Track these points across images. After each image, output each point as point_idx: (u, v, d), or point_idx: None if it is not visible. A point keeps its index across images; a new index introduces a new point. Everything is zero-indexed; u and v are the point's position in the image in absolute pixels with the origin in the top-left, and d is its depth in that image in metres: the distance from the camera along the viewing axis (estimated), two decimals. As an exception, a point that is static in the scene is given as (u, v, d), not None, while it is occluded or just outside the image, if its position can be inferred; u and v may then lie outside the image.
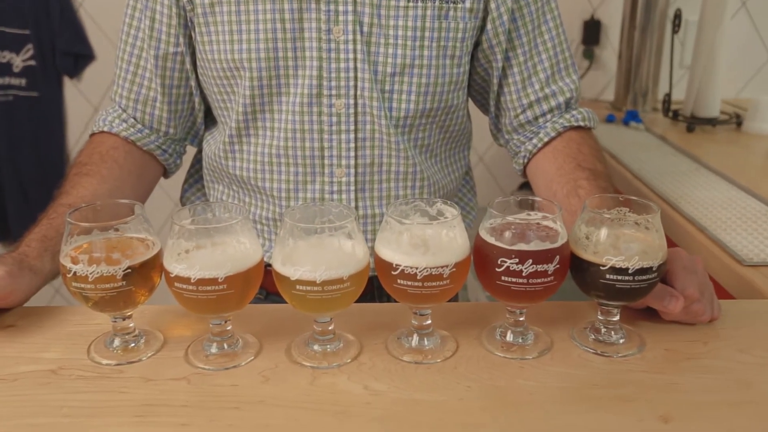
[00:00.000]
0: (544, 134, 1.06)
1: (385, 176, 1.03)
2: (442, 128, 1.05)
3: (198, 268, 0.70)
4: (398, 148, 1.01)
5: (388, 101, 0.99)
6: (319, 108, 0.98)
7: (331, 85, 0.97)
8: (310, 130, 0.99)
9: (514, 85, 1.06)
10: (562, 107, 1.07)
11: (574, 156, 1.03)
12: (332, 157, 1.00)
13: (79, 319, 0.84)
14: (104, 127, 1.07)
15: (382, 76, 0.97)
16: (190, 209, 0.76)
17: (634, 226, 0.74)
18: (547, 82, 1.05)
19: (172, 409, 0.67)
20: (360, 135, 1.00)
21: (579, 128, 1.07)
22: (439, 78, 0.99)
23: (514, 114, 1.08)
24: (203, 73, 1.03)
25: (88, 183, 0.99)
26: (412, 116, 1.00)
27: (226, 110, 1.03)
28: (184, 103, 1.08)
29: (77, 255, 0.71)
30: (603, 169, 1.03)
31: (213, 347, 0.77)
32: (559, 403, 0.69)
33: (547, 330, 0.82)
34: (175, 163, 1.14)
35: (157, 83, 1.05)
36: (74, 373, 0.74)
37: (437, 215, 0.77)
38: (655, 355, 0.77)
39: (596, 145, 1.08)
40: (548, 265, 0.72)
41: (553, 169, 1.04)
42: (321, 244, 0.71)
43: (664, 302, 0.79)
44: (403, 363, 0.75)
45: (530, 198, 0.79)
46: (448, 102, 1.02)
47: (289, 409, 0.68)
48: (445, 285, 0.72)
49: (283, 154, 1.01)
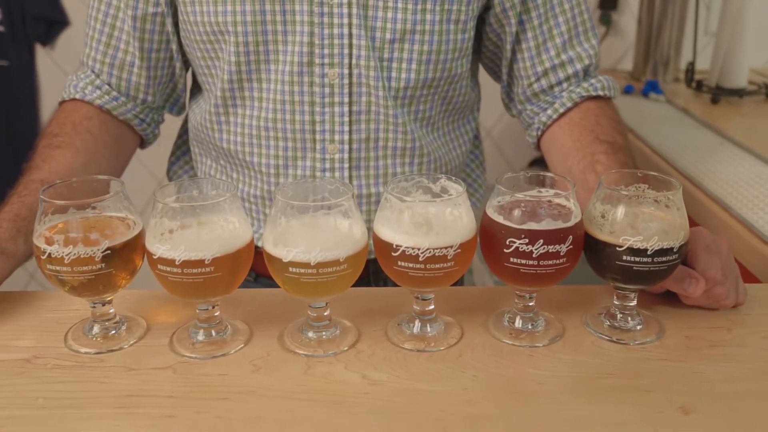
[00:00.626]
0: (560, 105, 1.05)
1: (381, 153, 1.02)
2: (444, 99, 1.04)
3: (183, 249, 0.69)
4: (396, 122, 1.00)
5: (387, 71, 0.97)
6: (311, 78, 0.97)
7: (324, 53, 0.96)
8: (300, 101, 0.98)
9: (527, 51, 1.04)
10: (580, 75, 1.06)
11: (592, 128, 1.02)
12: (324, 132, 1.00)
13: (55, 304, 0.84)
14: (76, 95, 1.05)
15: (380, 43, 0.96)
16: (174, 185, 0.76)
17: (653, 204, 0.74)
18: (563, 47, 1.04)
19: (157, 400, 0.68)
20: (355, 108, 0.99)
21: (597, 98, 1.06)
22: (443, 45, 0.98)
23: (527, 82, 1.07)
24: (185, 36, 1.02)
25: (62, 156, 0.98)
26: (412, 87, 0.99)
27: (210, 77, 1.02)
28: (164, 69, 1.07)
29: (52, 235, 0.71)
30: (623, 142, 1.02)
31: (200, 334, 0.77)
32: (572, 394, 0.69)
33: (558, 316, 0.82)
34: (153, 134, 1.13)
35: (134, 47, 1.03)
36: (50, 362, 0.74)
37: (441, 192, 0.77)
38: (675, 342, 0.77)
39: (616, 116, 1.07)
40: (560, 246, 0.72)
41: (569, 143, 1.03)
42: (315, 223, 0.71)
43: (684, 285, 0.79)
44: (404, 351, 0.75)
45: (541, 174, 0.78)
46: (451, 71, 1.01)
47: (282, 400, 0.68)
48: (450, 267, 0.72)
49: (272, 127, 1.00)
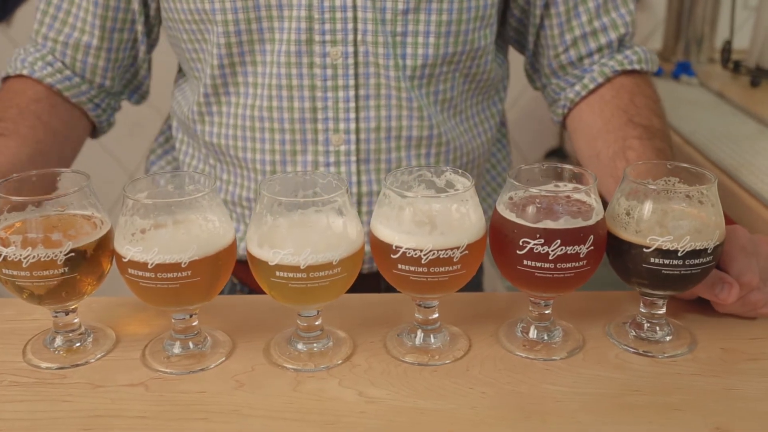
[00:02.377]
0: (590, 80, 1.05)
1: (394, 144, 1.00)
2: (467, 77, 1.03)
3: (156, 251, 0.70)
4: (411, 107, 0.98)
5: (401, 47, 0.96)
6: (310, 58, 0.96)
7: (324, 29, 0.94)
8: (299, 86, 0.97)
9: (557, 17, 1.03)
10: (614, 46, 1.05)
11: (626, 109, 1.01)
12: (327, 120, 0.98)
13: (11, 313, 0.85)
14: (23, 70, 1.03)
15: (392, 15, 0.94)
16: (147, 179, 0.76)
17: (685, 200, 0.74)
18: (597, 12, 1.03)
19: (127, 422, 0.68)
20: (362, 92, 0.97)
21: (633, 72, 1.05)
22: (463, 14, 0.96)
23: (554, 53, 1.06)
24: (168, 18, 1.01)
25: (5, 146, 0.96)
26: (431, 64, 0.98)
27: (199, 62, 1.01)
28: (126, 51, 1.06)
29: (8, 236, 0.71)
30: (660, 125, 1.01)
31: (176, 347, 0.77)
32: (593, 413, 0.69)
33: (578, 325, 0.82)
34: (107, 121, 1.12)
35: (94, 25, 1.02)
36: (6, 378, 0.74)
37: (446, 186, 0.77)
38: (709, 355, 0.77)
39: (653, 94, 1.06)
40: (580, 247, 0.72)
41: (599, 124, 1.02)
42: (306, 221, 0.71)
43: (716, 290, 0.79)
44: (405, 365, 0.76)
45: (559, 166, 0.78)
46: (474, 43, 0.99)
47: (268, 420, 0.68)
48: (456, 271, 0.72)
49: (267, 117, 0.99)
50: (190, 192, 0.76)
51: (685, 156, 1.48)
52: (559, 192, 0.76)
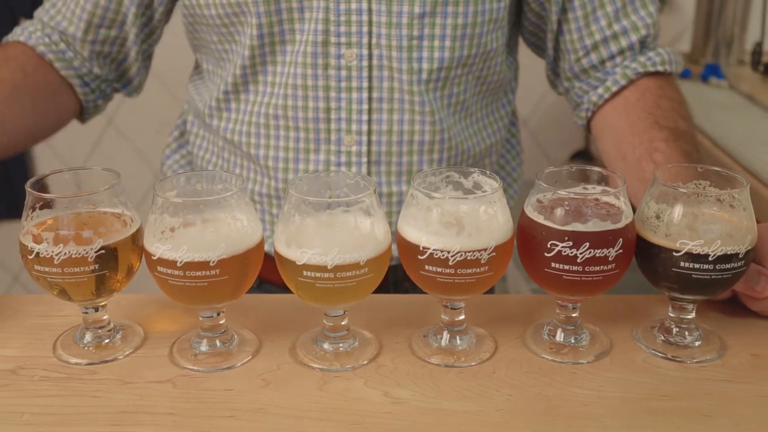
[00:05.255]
0: (612, 82, 1.04)
1: (406, 147, 1.01)
2: (479, 79, 1.04)
3: (185, 249, 0.70)
4: (423, 111, 1.00)
5: (417, 50, 0.97)
6: (326, 60, 0.97)
7: (340, 31, 0.96)
8: (314, 86, 0.98)
9: (575, 21, 1.03)
10: (635, 48, 1.04)
11: (651, 111, 1.01)
12: (340, 121, 1.00)
13: (43, 309, 0.86)
14: (20, 36, 1.05)
15: (408, 19, 0.95)
16: (176, 179, 0.77)
17: (716, 204, 0.73)
18: (616, 16, 1.02)
19: (155, 418, 0.68)
20: (375, 95, 0.99)
21: (656, 74, 1.04)
22: (478, 17, 0.97)
23: (574, 57, 1.06)
24: (197, 22, 1.03)
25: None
26: (446, 67, 0.99)
27: (227, 61, 1.03)
28: (113, 47, 1.07)
29: (40, 233, 0.72)
30: (687, 127, 1.00)
31: (203, 345, 0.78)
32: (620, 417, 0.68)
33: (605, 329, 0.81)
34: (95, 103, 1.12)
35: (81, 18, 1.04)
36: (37, 373, 0.75)
37: (473, 188, 0.77)
38: (740, 361, 0.76)
39: (678, 96, 1.05)
40: (609, 250, 0.71)
41: (624, 126, 1.01)
42: (333, 221, 0.71)
43: (753, 283, 0.78)
44: (431, 366, 0.76)
45: (587, 168, 0.78)
46: (486, 46, 1.00)
47: (294, 419, 0.68)
48: (483, 273, 0.72)
49: (282, 116, 1.01)
50: (219, 191, 0.76)
51: (714, 159, 1.46)
52: (588, 194, 0.76)
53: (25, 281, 2.42)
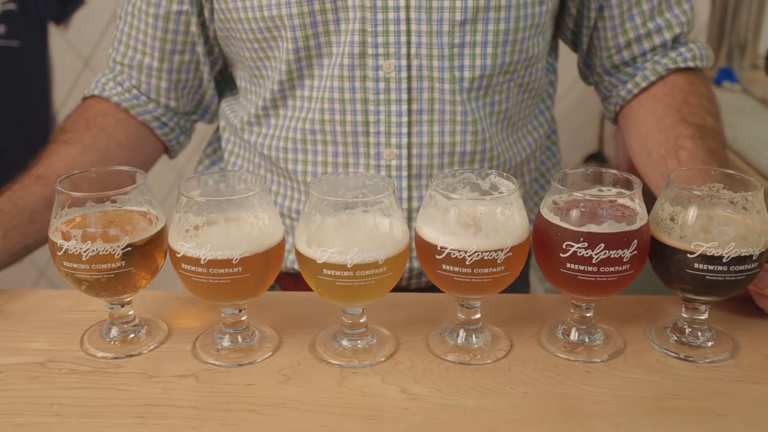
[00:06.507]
0: (642, 78, 1.03)
1: (447, 159, 0.98)
2: (520, 87, 1.00)
3: (209, 247, 0.71)
4: (465, 121, 0.96)
5: (458, 58, 0.94)
6: (363, 72, 0.94)
7: (378, 42, 0.93)
8: (351, 99, 0.95)
9: (610, 20, 1.02)
10: (668, 45, 1.03)
11: (679, 108, 0.99)
12: (379, 134, 0.96)
13: (70, 304, 0.87)
14: (95, 90, 1.07)
15: (450, 26, 0.92)
16: (200, 178, 0.77)
17: (729, 206, 0.73)
18: (651, 14, 1.01)
19: (179, 411, 0.69)
20: (414, 106, 0.95)
21: (687, 70, 1.03)
22: (520, 22, 0.94)
23: (606, 54, 1.04)
24: (230, 36, 1.00)
25: (66, 152, 0.99)
26: (488, 75, 0.95)
27: (262, 78, 1.01)
28: (189, 72, 1.07)
29: (69, 230, 0.73)
30: (714, 124, 0.99)
31: (225, 340, 0.78)
32: (633, 416, 0.68)
33: (618, 329, 0.81)
34: (177, 140, 1.13)
35: (155, 47, 1.04)
36: (65, 366, 0.76)
37: (491, 189, 0.77)
38: (752, 361, 0.76)
39: (708, 92, 1.04)
40: (623, 251, 0.71)
41: (651, 122, 1.00)
42: (353, 221, 0.72)
43: (758, 280, 0.77)
44: (447, 363, 0.76)
45: (602, 170, 0.78)
46: (528, 51, 0.97)
47: (314, 413, 0.69)
48: (499, 272, 0.72)
49: (319, 130, 0.97)
50: (241, 191, 0.77)
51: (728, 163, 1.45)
52: (603, 196, 0.75)
53: (50, 276, 2.44)
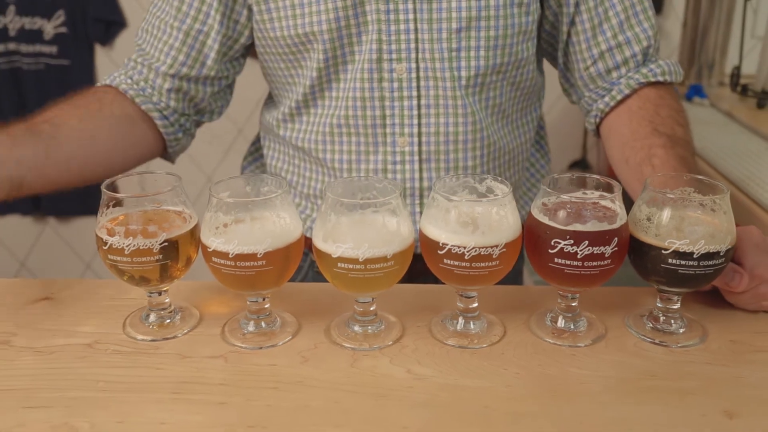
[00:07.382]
0: (617, 92, 1.03)
1: (452, 146, 1.02)
2: (513, 85, 1.04)
3: (236, 242, 0.71)
4: (465, 113, 1.00)
5: (456, 60, 0.98)
6: (380, 74, 0.99)
7: (391, 49, 0.98)
8: (371, 98, 1.00)
9: (583, 33, 1.02)
10: (639, 58, 1.03)
11: (651, 119, 0.99)
12: (394, 126, 1.01)
13: (113, 293, 0.87)
14: (106, 80, 1.06)
15: (448, 34, 0.97)
16: (229, 182, 0.77)
17: (699, 208, 0.73)
18: (620, 28, 1.01)
19: (209, 387, 0.69)
20: (423, 101, 1.00)
21: (657, 84, 1.03)
22: (508, 29, 0.98)
23: (583, 66, 1.05)
24: (265, 52, 1.04)
25: (56, 106, 0.98)
26: (482, 74, 0.99)
27: (293, 85, 1.04)
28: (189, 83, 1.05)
29: (113, 227, 0.73)
30: (683, 134, 0.99)
31: (250, 325, 0.78)
32: (615, 394, 0.68)
33: (600, 316, 0.81)
34: (176, 137, 1.09)
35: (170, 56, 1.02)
36: (110, 347, 0.76)
37: (486, 192, 0.77)
38: (720, 346, 0.76)
39: (677, 105, 1.04)
40: (605, 248, 0.71)
41: (627, 133, 1.00)
42: (364, 220, 0.72)
43: (727, 278, 0.77)
44: (448, 347, 0.76)
45: (586, 175, 0.77)
46: (518, 55, 1.00)
47: (329, 390, 0.69)
48: (494, 266, 0.72)
49: (344, 124, 1.02)
50: (265, 193, 0.77)
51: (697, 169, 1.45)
52: (587, 199, 0.75)
53: (96, 268, 2.44)
